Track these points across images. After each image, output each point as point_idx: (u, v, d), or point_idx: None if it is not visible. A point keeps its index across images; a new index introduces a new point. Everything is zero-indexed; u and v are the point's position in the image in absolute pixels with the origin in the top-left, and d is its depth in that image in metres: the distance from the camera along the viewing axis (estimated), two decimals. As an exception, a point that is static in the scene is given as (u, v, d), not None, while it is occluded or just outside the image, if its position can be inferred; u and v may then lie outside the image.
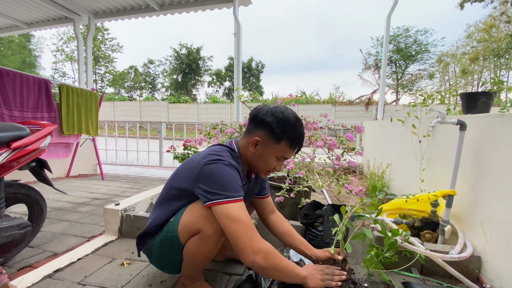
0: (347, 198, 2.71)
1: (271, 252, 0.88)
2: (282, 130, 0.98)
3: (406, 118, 2.26)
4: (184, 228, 0.96)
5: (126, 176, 4.14)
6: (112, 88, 29.27)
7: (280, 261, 0.89)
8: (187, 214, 0.97)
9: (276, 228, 1.23)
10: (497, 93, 1.54)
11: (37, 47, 25.11)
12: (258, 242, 0.86)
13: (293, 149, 1.03)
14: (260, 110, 1.02)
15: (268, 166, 1.05)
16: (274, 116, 0.98)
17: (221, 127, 2.33)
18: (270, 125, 0.98)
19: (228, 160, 0.97)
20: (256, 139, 1.01)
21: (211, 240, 0.94)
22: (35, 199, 1.53)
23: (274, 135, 0.99)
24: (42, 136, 1.44)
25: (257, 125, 1.02)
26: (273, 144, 1.00)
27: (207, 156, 0.96)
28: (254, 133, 1.03)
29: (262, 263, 0.85)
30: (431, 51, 19.18)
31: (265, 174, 1.10)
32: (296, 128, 1.00)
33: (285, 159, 1.07)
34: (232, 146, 1.08)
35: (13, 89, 2.69)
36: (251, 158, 1.05)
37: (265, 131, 1.00)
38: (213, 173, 0.92)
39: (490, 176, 1.23)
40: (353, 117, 16.23)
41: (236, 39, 3.65)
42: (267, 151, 1.02)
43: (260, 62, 30.57)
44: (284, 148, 1.01)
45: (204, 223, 0.93)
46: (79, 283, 1.21)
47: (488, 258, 1.22)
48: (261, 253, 0.85)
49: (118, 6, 4.10)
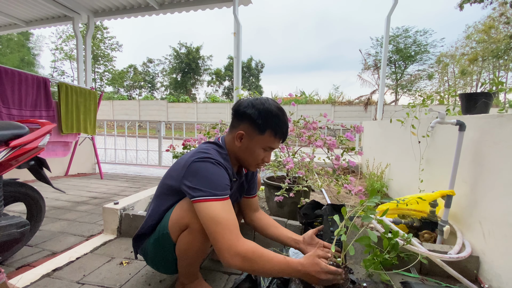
0: (346, 198, 2.71)
1: (249, 256, 0.82)
2: (264, 121, 0.98)
3: (406, 119, 2.27)
4: (174, 224, 0.96)
5: (125, 175, 4.13)
6: (111, 87, 29.23)
7: (263, 265, 0.83)
8: (175, 211, 0.97)
9: (261, 222, 1.24)
10: (496, 94, 1.55)
11: (36, 46, 25.06)
12: (236, 245, 0.82)
13: (278, 138, 1.03)
14: (241, 104, 1.02)
15: (256, 159, 1.05)
16: (255, 107, 0.98)
17: (221, 126, 2.33)
18: (252, 117, 0.98)
19: (216, 158, 0.97)
20: (240, 133, 1.01)
21: (199, 234, 0.93)
22: (34, 197, 1.52)
23: (257, 127, 0.99)
24: (41, 135, 1.44)
25: (240, 119, 1.02)
26: (258, 136, 1.00)
27: (196, 154, 0.97)
28: (238, 127, 1.03)
29: (240, 265, 0.82)
30: (430, 52, 19.25)
31: (255, 167, 1.10)
32: (279, 117, 1.00)
33: (272, 149, 1.07)
34: (219, 143, 1.08)
35: (11, 87, 2.67)
36: (239, 153, 1.05)
37: (248, 124, 1.00)
38: (199, 170, 0.91)
39: (489, 176, 1.24)
40: (352, 117, 16.26)
41: (235, 39, 3.64)
42: (253, 144, 1.02)
43: (260, 61, 30.62)
44: (269, 139, 1.01)
45: (191, 217, 0.92)
46: (77, 282, 1.20)
47: (486, 258, 1.22)
48: (239, 256, 0.82)
49: (117, 5, 4.08)
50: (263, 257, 0.84)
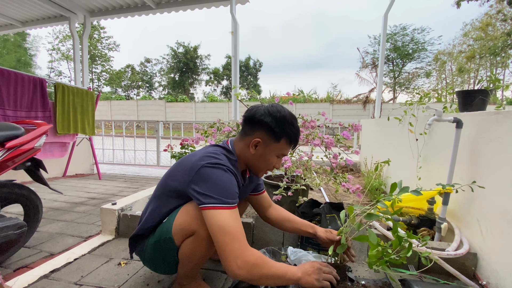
0: (344, 196, 2.72)
1: (258, 263, 0.84)
2: (281, 129, 0.99)
3: (403, 116, 2.27)
4: (178, 230, 0.95)
5: (123, 175, 4.12)
6: (109, 87, 29.07)
7: (268, 269, 0.85)
8: (180, 216, 0.96)
9: (276, 218, 1.25)
10: (493, 91, 1.55)
11: (33, 46, 24.85)
12: (243, 256, 0.83)
13: (291, 145, 1.05)
14: (257, 111, 1.01)
15: (269, 166, 1.06)
16: (272, 116, 0.98)
17: (219, 125, 2.33)
18: (270, 125, 0.98)
19: (227, 164, 0.95)
20: (256, 140, 1.00)
21: (205, 241, 0.93)
22: (31, 199, 1.51)
23: (274, 135, 0.99)
24: (37, 136, 1.43)
25: (255, 126, 1.01)
26: (273, 144, 1.01)
27: (205, 158, 0.94)
28: (253, 135, 1.01)
29: (247, 275, 0.83)
30: (428, 50, 19.28)
31: (264, 173, 1.10)
32: (293, 125, 1.02)
33: (284, 156, 1.08)
34: (228, 147, 1.06)
35: (7, 88, 2.65)
36: (251, 159, 1.05)
37: (264, 132, 1.00)
38: (211, 177, 0.90)
39: (486, 173, 1.24)
40: (350, 116, 16.29)
41: (233, 38, 3.63)
42: (268, 151, 1.02)
43: (258, 60, 30.51)
44: (283, 146, 1.02)
45: (198, 224, 0.92)
46: (75, 283, 1.20)
47: (484, 255, 1.22)
48: (245, 268, 0.82)
49: (114, 4, 4.06)
50: (269, 263, 0.87)
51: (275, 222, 1.26)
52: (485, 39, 17.61)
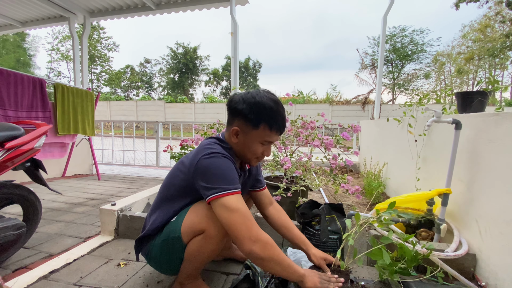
0: (344, 197, 2.72)
1: (270, 243, 0.87)
2: (257, 115, 0.96)
3: (402, 118, 2.27)
4: (188, 229, 0.95)
5: (122, 176, 4.11)
6: (108, 88, 29.03)
7: (279, 253, 0.88)
8: (190, 215, 0.96)
9: (274, 221, 1.23)
10: (492, 93, 1.56)
11: (32, 46, 24.84)
12: (256, 232, 0.86)
13: (275, 131, 1.00)
14: (233, 99, 1.01)
15: (254, 153, 1.03)
16: (246, 102, 0.97)
17: (218, 126, 2.33)
18: (244, 112, 0.97)
19: (221, 152, 0.96)
20: (235, 129, 1.00)
21: (214, 240, 0.94)
22: (30, 199, 1.51)
23: (250, 122, 0.97)
24: (37, 136, 1.43)
25: (233, 115, 1.02)
26: (252, 131, 0.98)
27: (201, 151, 0.96)
28: (233, 124, 1.02)
29: (260, 252, 0.84)
30: (427, 51, 19.36)
31: (256, 161, 1.09)
32: (272, 109, 0.97)
33: (271, 143, 1.05)
34: (220, 137, 1.07)
35: (7, 88, 2.65)
36: (237, 148, 1.05)
37: (241, 120, 0.99)
38: (209, 167, 0.91)
39: (485, 174, 1.24)
40: (350, 117, 16.30)
41: (233, 39, 3.64)
42: (249, 139, 1.00)
43: (257, 61, 30.59)
44: (264, 133, 0.99)
45: (208, 223, 0.93)
46: (75, 284, 1.20)
47: (483, 256, 1.23)
48: (259, 243, 0.84)
49: (114, 5, 4.06)
50: (278, 248, 0.89)
51: (272, 224, 1.25)
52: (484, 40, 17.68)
